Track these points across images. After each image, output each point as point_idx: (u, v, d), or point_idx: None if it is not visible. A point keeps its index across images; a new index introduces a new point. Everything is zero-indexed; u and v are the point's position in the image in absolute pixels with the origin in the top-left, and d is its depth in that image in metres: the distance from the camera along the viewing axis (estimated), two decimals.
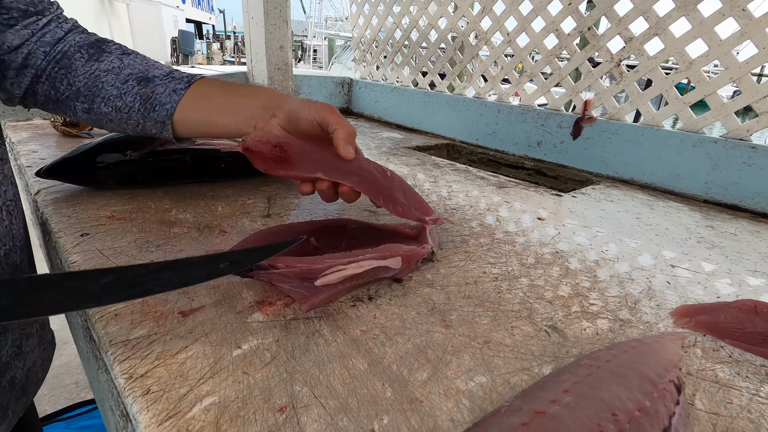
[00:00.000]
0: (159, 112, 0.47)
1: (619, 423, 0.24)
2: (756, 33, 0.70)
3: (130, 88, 0.47)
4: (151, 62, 0.50)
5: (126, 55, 0.49)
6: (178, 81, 0.48)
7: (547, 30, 0.96)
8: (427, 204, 0.49)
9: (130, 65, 0.48)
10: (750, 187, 0.75)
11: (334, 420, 0.26)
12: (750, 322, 0.36)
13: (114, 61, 0.48)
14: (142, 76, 0.47)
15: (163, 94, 0.47)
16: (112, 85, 0.47)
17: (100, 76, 0.47)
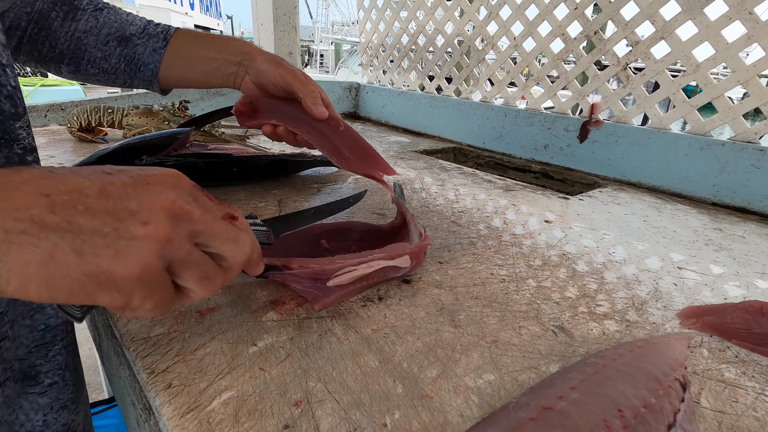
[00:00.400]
0: (144, 72, 0.50)
1: (625, 419, 0.25)
2: (763, 36, 0.70)
3: (112, 49, 0.49)
4: (124, 16, 0.51)
5: (99, 12, 0.50)
6: (155, 38, 0.50)
7: (554, 34, 0.96)
8: (384, 161, 0.52)
9: (107, 23, 0.49)
10: (759, 190, 0.75)
11: (348, 414, 0.27)
12: (756, 323, 0.36)
13: (90, 20, 0.49)
14: (120, 36, 0.49)
15: (144, 53, 0.49)
16: (94, 47, 0.49)
17: (81, 38, 0.48)
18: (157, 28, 0.51)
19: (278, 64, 0.49)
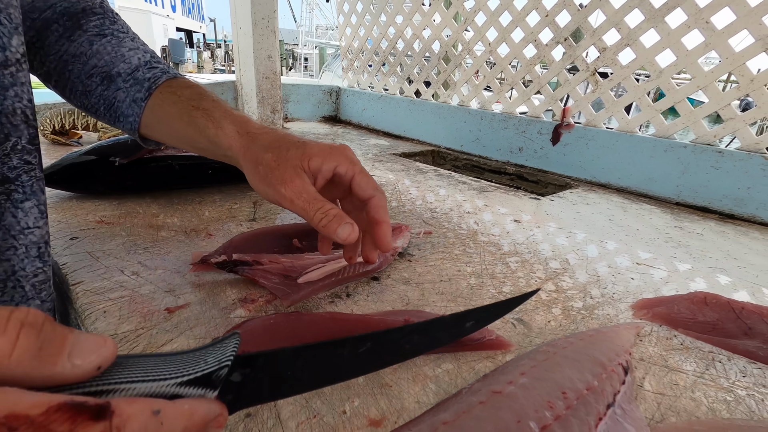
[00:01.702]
0: (124, 123, 0.43)
1: (568, 400, 0.26)
2: (719, 44, 0.74)
3: (93, 86, 0.43)
4: (122, 50, 0.43)
5: (99, 38, 0.43)
6: (139, 86, 0.42)
7: (526, 40, 0.99)
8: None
9: (98, 53, 0.42)
10: (718, 190, 0.79)
11: (309, 403, 0.28)
12: (700, 312, 0.39)
13: (83, 45, 0.42)
14: (106, 73, 0.42)
15: (124, 102, 0.42)
16: (77, 78, 0.43)
17: (67, 62, 0.43)
18: (148, 72, 0.42)
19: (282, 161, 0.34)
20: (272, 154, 0.34)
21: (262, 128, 0.37)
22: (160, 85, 0.41)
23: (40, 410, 0.12)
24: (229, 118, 0.37)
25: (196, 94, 0.40)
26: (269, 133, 0.36)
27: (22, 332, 0.13)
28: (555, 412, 0.25)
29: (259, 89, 1.22)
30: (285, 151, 0.34)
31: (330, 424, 0.26)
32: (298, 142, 0.35)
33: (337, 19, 1.52)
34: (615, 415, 0.27)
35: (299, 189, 0.32)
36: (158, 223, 0.55)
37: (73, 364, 0.14)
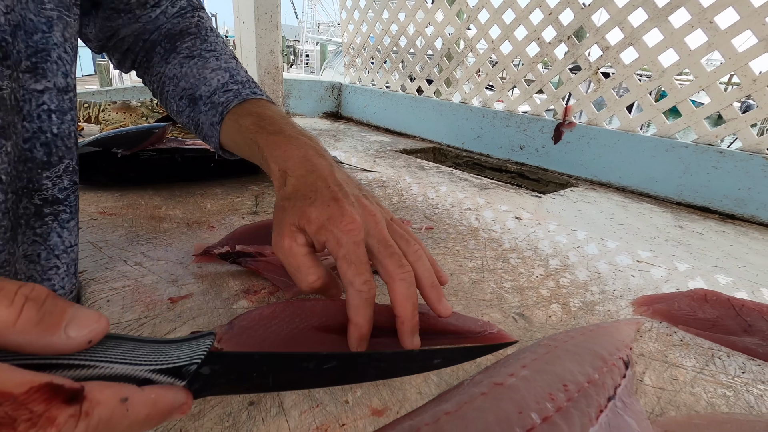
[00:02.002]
0: (209, 142, 0.46)
1: (569, 392, 0.27)
2: (722, 44, 0.74)
3: (183, 107, 0.46)
4: (205, 71, 0.45)
5: (188, 60, 0.46)
6: (214, 111, 0.43)
7: (529, 38, 0.99)
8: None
9: (186, 76, 0.45)
10: (719, 190, 0.79)
11: (311, 392, 0.28)
12: (701, 309, 0.39)
13: (175, 67, 0.46)
14: (191, 95, 0.45)
15: (205, 125, 0.44)
16: (172, 97, 0.47)
17: (165, 83, 0.47)
18: (222, 96, 0.43)
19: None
20: (283, 205, 0.33)
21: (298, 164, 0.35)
22: (229, 111, 0.43)
23: (23, 389, 0.13)
24: (274, 155, 0.36)
25: (253, 125, 0.40)
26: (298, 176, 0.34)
27: (26, 305, 0.15)
28: (556, 404, 0.26)
29: (261, 84, 1.22)
30: (292, 206, 0.32)
31: (332, 414, 0.27)
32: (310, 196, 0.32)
33: (340, 14, 1.52)
34: (616, 407, 0.27)
35: (287, 249, 0.31)
36: (160, 214, 0.55)
37: (68, 336, 0.15)
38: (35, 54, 0.29)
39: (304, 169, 0.34)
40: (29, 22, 0.28)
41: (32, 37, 0.29)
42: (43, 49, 0.29)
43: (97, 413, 0.15)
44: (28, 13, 0.28)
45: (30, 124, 0.29)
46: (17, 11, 0.27)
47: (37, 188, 0.31)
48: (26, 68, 0.29)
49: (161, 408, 0.17)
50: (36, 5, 0.29)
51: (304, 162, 0.35)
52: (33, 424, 0.13)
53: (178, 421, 0.25)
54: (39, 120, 0.30)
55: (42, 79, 0.30)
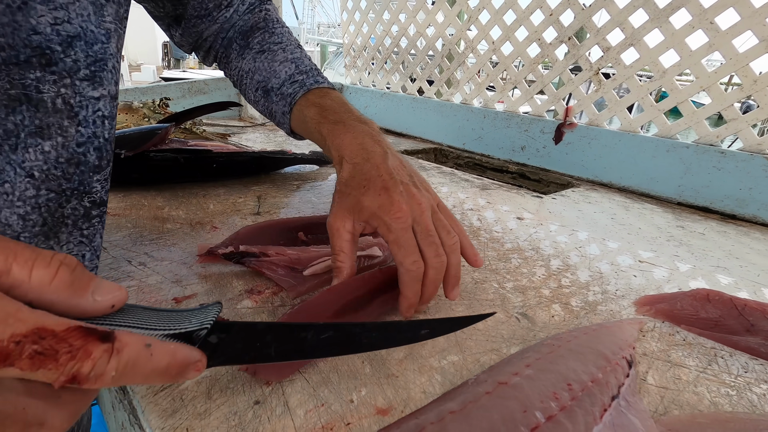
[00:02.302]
0: (282, 128, 0.52)
1: (573, 391, 0.27)
2: (723, 44, 0.74)
3: (259, 97, 0.51)
4: (275, 64, 0.50)
5: (260, 54, 0.51)
6: (284, 101, 0.49)
7: (530, 39, 0.99)
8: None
9: (260, 69, 0.51)
10: (720, 190, 0.79)
11: (316, 391, 0.28)
12: (703, 309, 0.39)
13: (249, 62, 0.51)
14: (264, 87, 0.50)
15: (278, 114, 0.50)
16: (249, 90, 0.52)
17: (243, 77, 0.52)
18: (290, 88, 0.49)
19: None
20: (339, 189, 0.38)
21: (354, 151, 0.40)
22: (296, 102, 0.48)
23: (62, 327, 0.15)
24: (335, 143, 0.41)
25: (317, 115, 0.45)
26: (352, 161, 0.39)
27: (60, 268, 0.17)
28: (560, 403, 0.26)
29: None
30: (346, 193, 0.37)
31: (338, 413, 0.27)
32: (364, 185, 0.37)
33: (341, 15, 1.52)
34: (619, 406, 0.27)
35: (337, 229, 0.36)
36: (163, 215, 0.55)
37: (95, 299, 0.17)
38: (94, 63, 0.31)
39: (360, 156, 0.39)
40: (90, 33, 0.31)
41: (92, 48, 0.31)
42: (102, 59, 0.32)
43: (126, 352, 0.16)
44: (89, 24, 0.31)
45: (85, 129, 0.32)
46: (76, 23, 0.30)
47: (88, 191, 0.33)
48: (85, 76, 0.31)
49: (179, 359, 0.19)
50: (97, 18, 0.31)
51: (360, 150, 0.39)
52: (72, 357, 0.15)
53: (184, 420, 0.25)
54: (94, 125, 0.32)
55: (99, 86, 0.32)
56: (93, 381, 0.16)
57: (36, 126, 0.29)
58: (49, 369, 0.15)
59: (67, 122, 0.30)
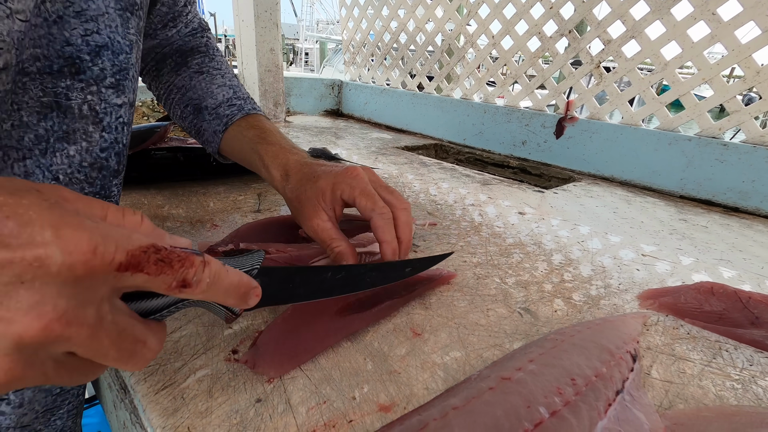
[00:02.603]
0: (207, 146, 0.51)
1: (577, 386, 0.27)
2: (725, 36, 0.74)
3: (187, 113, 0.51)
4: (213, 87, 0.51)
5: (198, 75, 0.52)
6: (219, 121, 0.49)
7: (530, 33, 0.99)
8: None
9: (195, 87, 0.51)
10: (722, 183, 0.79)
11: (318, 389, 0.28)
12: (707, 302, 0.39)
13: (185, 79, 0.52)
14: (197, 105, 0.51)
15: (207, 132, 0.50)
16: (177, 104, 0.52)
17: (172, 91, 0.52)
18: (227, 110, 0.50)
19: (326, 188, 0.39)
20: (296, 196, 0.40)
21: (295, 167, 0.42)
22: (233, 123, 0.49)
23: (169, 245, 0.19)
24: (275, 162, 0.43)
25: (256, 137, 0.47)
26: (299, 172, 0.41)
27: (143, 217, 0.20)
28: (564, 398, 0.25)
29: (262, 82, 1.21)
30: (304, 192, 0.39)
31: (340, 410, 0.27)
32: (314, 177, 0.40)
33: (340, 11, 1.51)
34: (624, 401, 0.27)
35: (317, 227, 0.38)
36: (163, 213, 0.55)
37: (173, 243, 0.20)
38: (119, 72, 0.33)
39: (302, 167, 0.42)
40: (117, 43, 0.32)
41: (118, 57, 0.33)
42: (125, 68, 0.34)
43: (213, 265, 0.20)
44: (116, 35, 0.32)
45: (108, 135, 0.33)
46: (104, 34, 0.31)
47: (107, 195, 0.35)
48: (110, 84, 0.33)
49: (245, 281, 0.23)
50: (124, 29, 0.33)
51: (301, 164, 0.42)
52: (182, 264, 0.19)
53: (185, 419, 0.25)
54: (116, 131, 0.34)
55: (122, 94, 0.34)
56: (195, 286, 0.19)
57: (63, 131, 0.31)
58: (167, 274, 0.18)
59: (92, 128, 0.32)
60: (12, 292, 0.15)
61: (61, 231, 0.16)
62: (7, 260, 0.14)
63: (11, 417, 0.33)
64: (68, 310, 0.16)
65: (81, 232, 0.16)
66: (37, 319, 0.15)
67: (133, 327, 0.19)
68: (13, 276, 0.15)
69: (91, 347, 0.17)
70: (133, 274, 0.17)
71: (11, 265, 0.15)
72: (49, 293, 0.15)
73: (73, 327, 0.16)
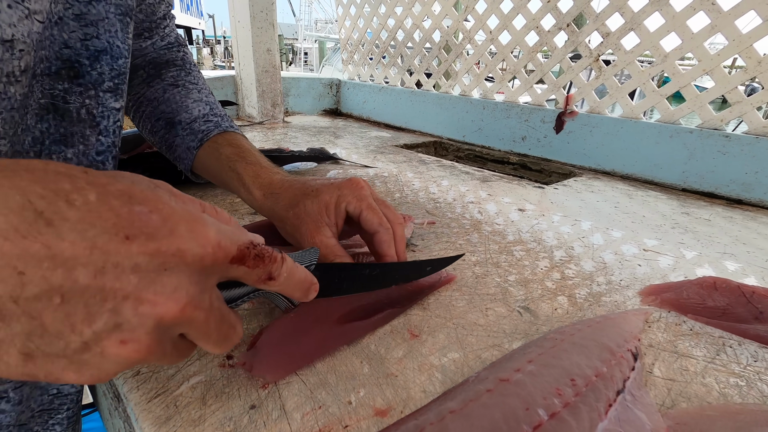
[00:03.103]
0: (179, 163, 0.49)
1: (577, 387, 0.26)
2: (726, 26, 0.73)
3: (158, 128, 0.49)
4: (188, 101, 0.49)
5: (172, 87, 0.50)
6: (193, 137, 0.47)
7: (528, 27, 0.98)
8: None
9: (167, 101, 0.49)
10: (725, 175, 0.78)
11: (314, 393, 0.28)
12: (710, 297, 0.38)
13: (158, 92, 0.49)
14: (170, 119, 0.48)
15: (180, 148, 0.48)
16: (147, 118, 0.50)
17: (143, 103, 0.50)
18: (203, 125, 0.48)
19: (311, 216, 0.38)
20: (293, 212, 0.38)
21: (283, 184, 0.41)
22: (209, 140, 0.47)
23: (261, 241, 0.22)
24: (256, 183, 0.42)
25: (234, 155, 0.45)
26: (289, 189, 0.40)
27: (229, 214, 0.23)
28: (564, 399, 0.25)
29: (259, 83, 1.21)
30: (303, 207, 0.38)
31: (335, 415, 0.26)
32: (313, 191, 0.39)
33: (336, 10, 1.51)
34: (625, 401, 0.26)
35: (318, 243, 0.37)
36: None
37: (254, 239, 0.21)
38: (117, 76, 0.33)
39: (291, 184, 0.41)
40: (116, 48, 0.32)
41: (117, 62, 0.33)
42: (123, 73, 0.33)
43: (288, 262, 0.23)
44: (116, 40, 0.32)
45: (105, 138, 0.33)
46: (104, 38, 0.31)
47: None
48: (108, 88, 0.33)
49: (309, 277, 0.25)
50: (123, 34, 0.33)
51: (289, 182, 0.41)
52: (271, 260, 0.22)
53: (177, 427, 0.25)
54: (113, 135, 0.34)
55: (120, 98, 0.34)
56: (276, 279, 0.22)
57: (60, 134, 0.31)
58: (260, 268, 0.21)
59: (89, 131, 0.32)
60: (157, 278, 0.17)
61: (194, 226, 0.18)
62: (156, 250, 0.16)
63: (11, 415, 0.32)
64: (195, 295, 0.18)
65: (208, 228, 0.18)
66: (176, 303, 0.17)
67: (229, 314, 0.21)
68: (159, 264, 0.17)
69: (201, 329, 0.19)
70: (238, 266, 0.20)
71: (158, 254, 0.17)
72: (185, 280, 0.18)
73: (197, 311, 0.18)
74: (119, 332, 0.16)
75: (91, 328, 0.16)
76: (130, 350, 0.17)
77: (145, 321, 0.17)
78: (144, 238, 0.16)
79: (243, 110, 1.31)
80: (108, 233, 0.16)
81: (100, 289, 0.16)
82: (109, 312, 0.16)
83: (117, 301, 0.16)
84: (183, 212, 0.18)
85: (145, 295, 0.16)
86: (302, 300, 0.25)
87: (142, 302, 0.16)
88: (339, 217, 0.38)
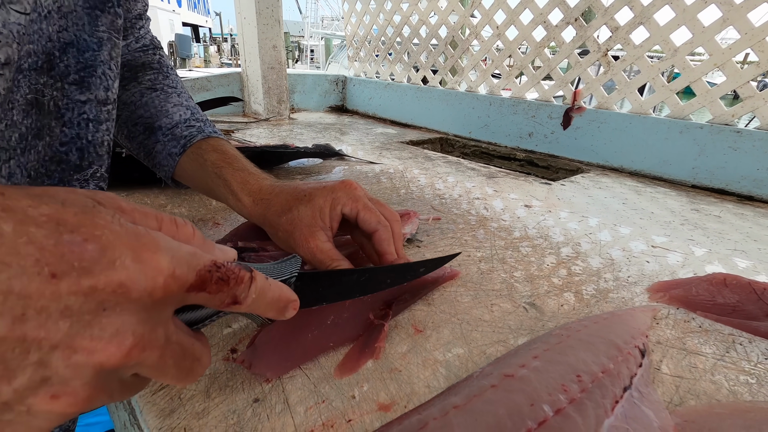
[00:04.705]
0: (159, 170, 0.47)
1: (583, 383, 0.26)
2: (737, 19, 0.71)
3: (137, 133, 0.47)
4: (167, 106, 0.48)
5: (150, 91, 0.48)
6: (175, 142, 0.46)
7: (535, 22, 0.97)
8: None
9: (146, 105, 0.47)
10: (736, 171, 0.77)
11: (317, 388, 0.28)
12: (720, 294, 0.37)
13: (135, 95, 0.48)
14: (149, 124, 0.47)
15: (161, 154, 0.46)
16: (124, 123, 0.48)
17: (117, 107, 0.48)
18: (185, 130, 0.46)
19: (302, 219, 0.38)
20: (286, 218, 0.37)
21: (274, 190, 0.40)
22: (192, 145, 0.45)
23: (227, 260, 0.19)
24: (245, 189, 0.41)
25: (219, 161, 0.43)
26: (280, 194, 0.39)
27: (195, 228, 0.20)
28: (569, 395, 0.25)
29: (265, 80, 1.21)
30: (296, 213, 0.37)
31: (339, 409, 0.26)
32: (306, 196, 0.38)
33: (342, 6, 1.50)
34: (632, 398, 0.26)
35: (314, 249, 0.36)
36: (166, 213, 0.55)
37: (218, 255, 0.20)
38: (84, 69, 0.33)
39: (281, 189, 0.40)
40: (83, 41, 0.32)
41: (83, 55, 0.32)
42: (91, 65, 0.33)
43: (258, 280, 0.20)
44: (83, 33, 0.32)
45: (69, 130, 0.33)
46: (71, 31, 0.31)
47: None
48: (74, 81, 0.32)
49: (285, 294, 0.23)
50: (91, 27, 0.32)
51: (279, 188, 0.40)
52: (236, 282, 0.19)
53: (181, 419, 0.25)
54: (78, 127, 0.33)
55: (86, 91, 0.33)
56: (242, 302, 0.20)
57: (37, 128, 0.30)
58: (224, 292, 0.19)
59: (54, 122, 0.32)
60: (94, 321, 0.14)
61: (141, 254, 0.15)
62: (92, 287, 0.14)
63: None
64: (144, 334, 0.16)
65: (159, 254, 0.16)
66: (119, 347, 0.15)
67: (192, 345, 0.19)
68: (96, 304, 0.14)
69: (155, 368, 0.17)
70: (197, 294, 0.18)
71: (95, 293, 0.14)
72: (129, 319, 0.15)
73: (147, 351, 0.16)
74: (48, 386, 0.14)
75: (10, 386, 0.14)
76: (64, 404, 0.15)
77: (81, 372, 0.15)
78: (76, 274, 0.14)
79: (249, 107, 1.32)
80: (27, 273, 0.13)
81: (19, 340, 0.13)
82: (33, 366, 0.14)
83: (43, 353, 0.14)
84: (128, 236, 0.15)
85: (79, 343, 0.14)
86: (278, 318, 0.23)
87: (75, 351, 0.14)
88: (334, 221, 0.37)
